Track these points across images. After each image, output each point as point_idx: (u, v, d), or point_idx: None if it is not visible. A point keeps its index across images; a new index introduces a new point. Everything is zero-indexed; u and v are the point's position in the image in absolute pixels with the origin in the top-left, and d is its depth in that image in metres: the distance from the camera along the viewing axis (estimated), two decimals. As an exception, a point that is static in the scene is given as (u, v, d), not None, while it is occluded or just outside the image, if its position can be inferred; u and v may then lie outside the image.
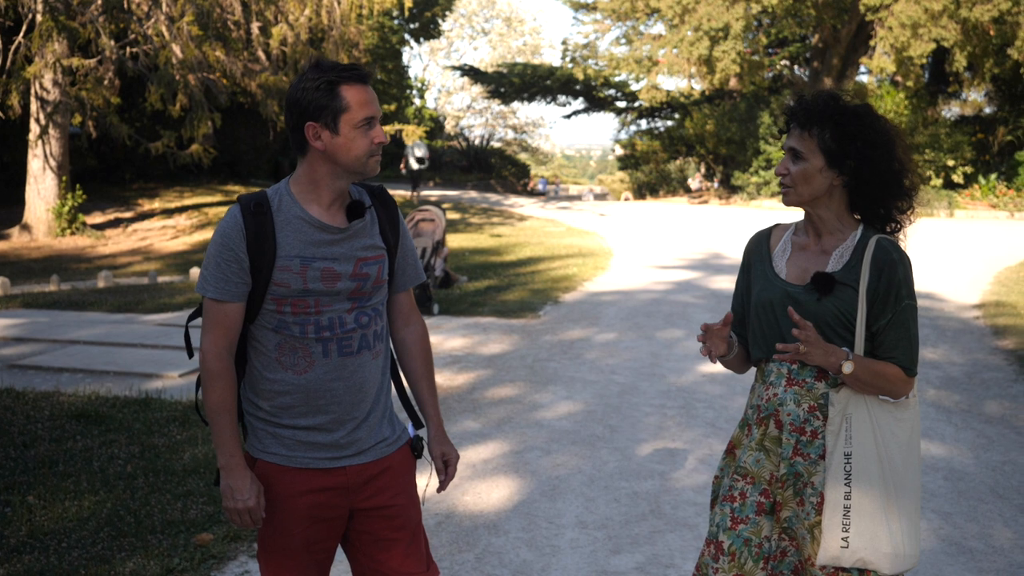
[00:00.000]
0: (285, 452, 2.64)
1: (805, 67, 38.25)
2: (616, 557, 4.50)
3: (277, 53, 18.44)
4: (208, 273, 2.57)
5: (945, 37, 25.94)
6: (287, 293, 2.56)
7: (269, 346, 2.62)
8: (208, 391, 2.59)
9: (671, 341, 9.55)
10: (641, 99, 35.28)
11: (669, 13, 29.03)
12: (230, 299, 2.56)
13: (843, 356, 2.48)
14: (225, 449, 2.58)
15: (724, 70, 29.06)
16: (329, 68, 2.53)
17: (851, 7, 30.13)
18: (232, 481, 2.58)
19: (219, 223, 2.60)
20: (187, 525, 4.67)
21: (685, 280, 14.00)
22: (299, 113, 2.53)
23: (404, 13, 21.26)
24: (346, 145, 2.52)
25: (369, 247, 2.66)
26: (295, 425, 2.63)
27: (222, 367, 2.57)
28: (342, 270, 2.59)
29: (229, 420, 2.59)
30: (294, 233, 2.57)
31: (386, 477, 2.72)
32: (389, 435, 2.75)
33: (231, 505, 2.59)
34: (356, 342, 2.65)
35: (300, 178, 2.61)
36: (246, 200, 2.59)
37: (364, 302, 2.65)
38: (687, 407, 7.09)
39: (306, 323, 2.59)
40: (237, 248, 2.53)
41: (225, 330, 2.57)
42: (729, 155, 33.79)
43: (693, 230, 22.21)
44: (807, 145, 2.58)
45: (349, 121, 2.51)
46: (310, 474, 2.64)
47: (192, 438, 6.04)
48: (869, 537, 2.50)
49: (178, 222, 22.36)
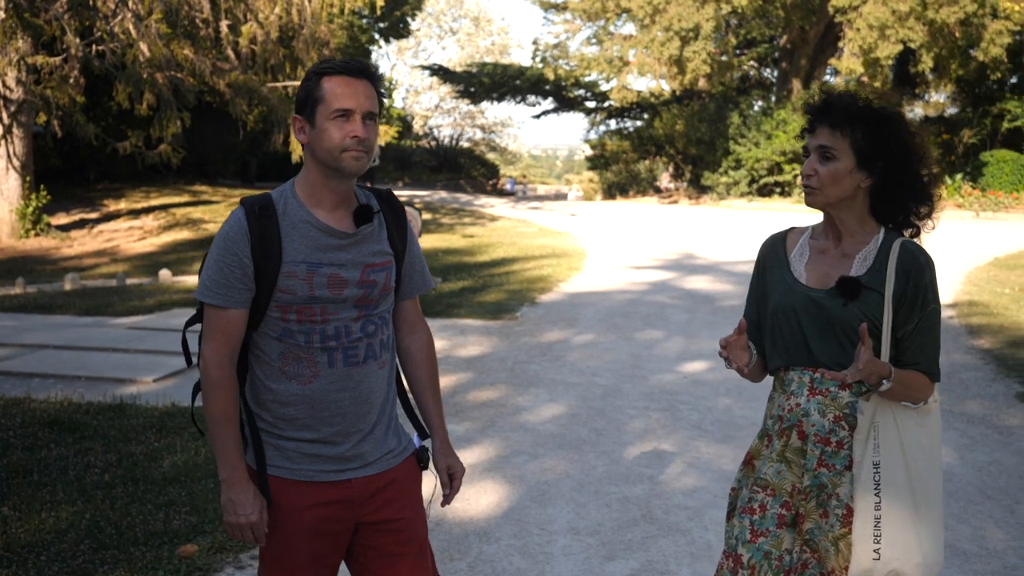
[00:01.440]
0: (289, 465, 2.54)
1: (773, 68, 38.45)
2: (610, 564, 4.42)
3: (247, 52, 18.23)
4: (209, 278, 2.46)
5: (912, 39, 26.14)
6: (292, 300, 2.46)
7: (272, 355, 2.52)
8: (209, 401, 2.48)
9: (650, 342, 9.50)
10: (612, 99, 35.32)
11: (640, 13, 29.05)
12: (233, 305, 2.45)
13: (887, 373, 2.40)
14: (227, 461, 2.48)
15: (694, 70, 29.14)
16: (324, 62, 2.48)
17: (819, 8, 30.29)
18: (234, 495, 2.47)
19: (221, 226, 2.50)
20: (170, 536, 4.54)
21: (660, 280, 13.97)
22: (295, 108, 2.49)
23: (376, 12, 21.08)
24: (319, 137, 2.43)
25: (377, 253, 2.56)
26: (299, 437, 2.53)
27: (223, 376, 2.47)
28: (349, 276, 2.50)
29: (231, 431, 2.48)
30: (300, 238, 2.47)
31: (392, 489, 2.62)
32: (395, 446, 2.66)
33: (233, 520, 2.48)
34: (362, 352, 2.55)
35: (301, 179, 2.53)
36: (250, 202, 2.48)
37: (371, 310, 2.56)
38: (671, 409, 7.04)
39: (311, 332, 2.48)
40: (241, 253, 2.43)
41: (227, 338, 2.47)
42: (699, 155, 33.88)
43: (664, 230, 22.22)
44: (839, 144, 2.50)
45: (323, 112, 2.42)
46: (315, 487, 2.54)
47: (171, 445, 5.91)
48: (900, 547, 2.44)
49: (145, 223, 22.08)
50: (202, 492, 5.11)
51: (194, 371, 8.03)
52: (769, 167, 31.87)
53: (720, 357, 2.61)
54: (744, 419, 6.77)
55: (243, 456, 2.52)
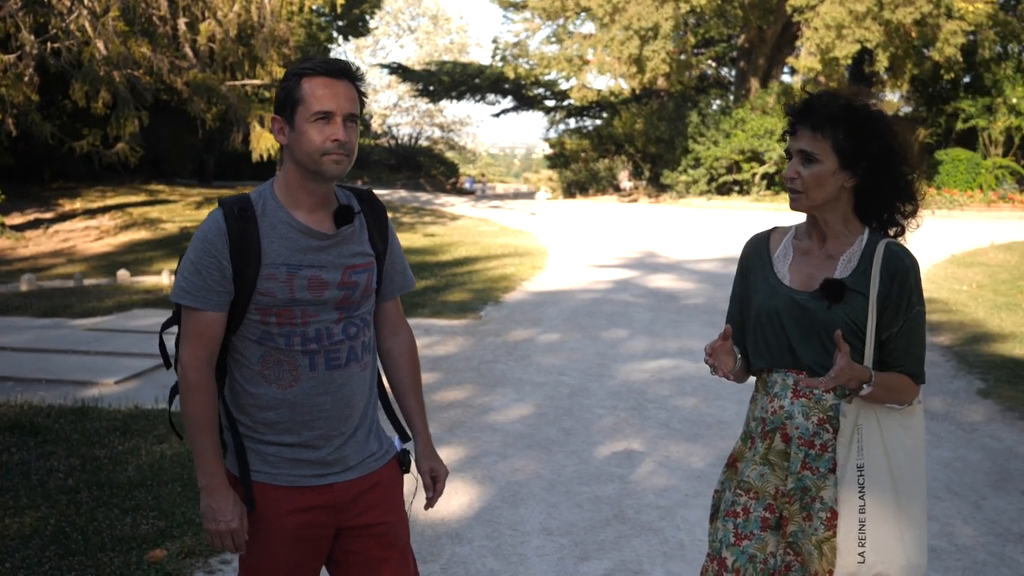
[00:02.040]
0: (269, 470, 2.49)
1: (731, 67, 38.72)
2: (584, 564, 4.42)
3: (205, 49, 18.04)
4: (186, 280, 2.41)
5: (869, 39, 26.43)
6: (272, 303, 2.42)
7: (252, 359, 2.47)
8: (188, 405, 2.42)
9: (616, 341, 9.51)
10: (572, 98, 35.42)
11: (599, 12, 29.13)
12: (211, 308, 2.41)
13: (866, 378, 2.39)
14: (206, 468, 2.43)
15: (654, 69, 29.27)
16: (305, 62, 2.41)
17: (777, 8, 30.54)
18: (213, 502, 2.43)
19: (199, 227, 2.45)
20: (138, 541, 4.47)
21: (623, 279, 14.00)
22: (275, 109, 2.44)
23: (336, 10, 20.94)
24: (299, 140, 2.38)
25: (358, 254, 2.52)
26: (279, 442, 2.49)
27: (202, 379, 2.42)
28: (330, 278, 2.45)
29: (210, 436, 2.43)
30: (280, 239, 2.42)
31: (375, 493, 2.59)
32: (377, 450, 2.62)
33: (213, 527, 2.44)
34: (344, 354, 2.51)
35: (280, 179, 2.48)
36: (229, 204, 2.43)
37: (352, 312, 2.52)
38: (639, 408, 7.05)
39: (292, 335, 2.44)
40: (220, 255, 2.38)
41: (205, 341, 2.42)
42: (658, 154, 34.04)
43: (625, 229, 22.29)
44: (820, 147, 2.48)
45: (303, 114, 2.37)
46: (296, 492, 2.49)
47: (135, 449, 5.82)
48: (885, 550, 2.44)
49: (101, 223, 21.79)
50: (169, 496, 5.04)
51: (158, 373, 7.95)
52: (728, 166, 32.10)
53: (706, 364, 2.58)
54: (711, 417, 6.79)
55: (222, 462, 2.47)
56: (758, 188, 31.86)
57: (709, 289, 13.12)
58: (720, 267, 15.57)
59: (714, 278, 14.25)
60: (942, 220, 25.52)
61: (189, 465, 5.51)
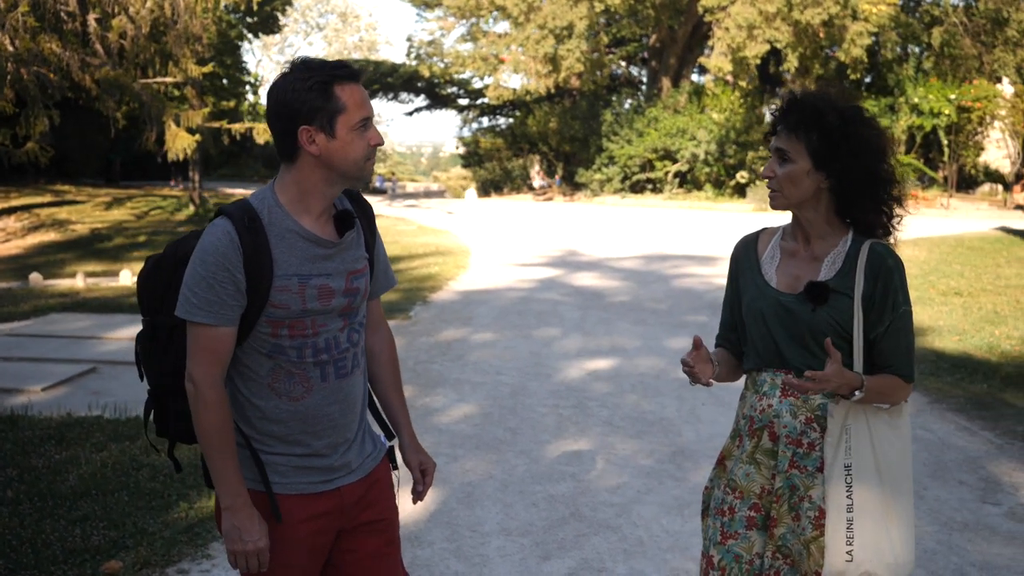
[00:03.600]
0: (280, 479, 2.45)
1: (642, 67, 39.17)
2: (547, 564, 4.43)
3: (116, 46, 17.58)
4: (196, 295, 2.31)
5: (779, 39, 27.01)
6: (286, 315, 2.36)
7: (261, 372, 2.41)
8: (205, 425, 2.34)
9: (548, 340, 9.56)
10: (488, 97, 35.40)
11: (515, 11, 29.23)
12: (223, 324, 2.32)
13: (857, 384, 2.41)
14: (229, 487, 2.36)
15: (569, 68, 29.49)
16: (319, 67, 2.32)
17: (688, 8, 31.01)
18: (238, 521, 2.36)
19: (204, 239, 2.34)
20: (91, 553, 4.35)
21: (548, 278, 14.08)
22: (289, 116, 2.31)
23: (253, 6, 20.59)
24: (343, 149, 2.32)
25: (358, 259, 2.49)
26: (288, 452, 2.45)
27: (218, 398, 2.35)
28: (336, 286, 2.42)
29: (231, 454, 2.36)
30: (289, 249, 2.36)
31: (375, 491, 2.59)
32: (371, 449, 2.62)
33: (239, 548, 2.37)
34: (350, 362, 2.49)
35: (288, 186, 2.38)
36: (237, 213, 2.34)
37: (353, 318, 2.49)
38: (581, 406, 7.09)
39: (303, 347, 2.40)
40: (234, 268, 2.29)
41: (217, 357, 2.34)
42: (572, 152, 34.28)
43: (543, 227, 22.41)
44: (794, 147, 2.51)
45: (346, 123, 2.31)
46: (308, 500, 2.46)
47: (74, 458, 5.66)
48: (873, 549, 2.46)
49: (8, 224, 21.13)
50: (117, 505, 4.91)
51: (87, 378, 7.77)
52: (641, 164, 32.49)
53: (685, 374, 2.58)
54: (653, 415, 6.87)
55: (243, 480, 2.40)
56: (671, 186, 32.30)
57: (634, 287, 13.27)
58: (642, 264, 15.77)
59: (637, 276, 14.41)
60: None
61: (134, 473, 5.39)
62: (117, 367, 8.29)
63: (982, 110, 30.58)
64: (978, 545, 4.65)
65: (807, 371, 2.39)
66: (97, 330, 9.83)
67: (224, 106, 30.56)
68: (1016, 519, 5.00)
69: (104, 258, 16.52)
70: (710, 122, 31.00)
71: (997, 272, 14.04)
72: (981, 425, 6.66)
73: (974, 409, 7.05)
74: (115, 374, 8.05)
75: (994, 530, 4.84)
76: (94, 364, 8.31)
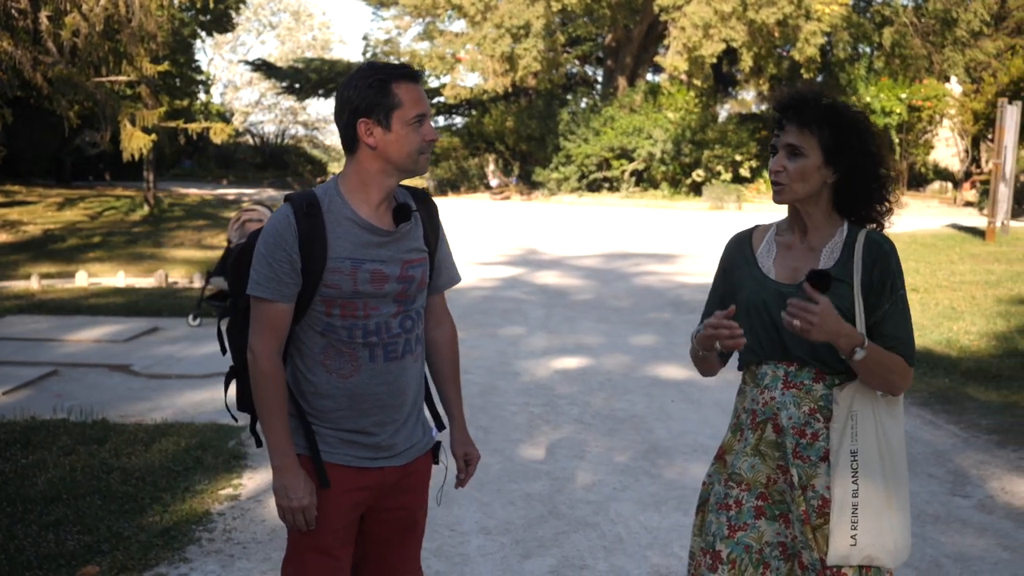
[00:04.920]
0: (328, 449, 2.64)
1: (597, 66, 39.29)
2: (528, 562, 4.43)
3: (69, 44, 17.30)
4: (259, 273, 2.55)
5: (734, 38, 27.22)
6: (337, 295, 2.55)
7: (315, 349, 2.62)
8: (261, 392, 2.58)
9: (514, 338, 9.57)
10: (444, 96, 35.31)
11: (471, 10, 29.21)
12: (281, 299, 2.55)
13: (859, 341, 2.43)
14: (278, 449, 2.58)
15: (526, 67, 29.50)
16: (381, 67, 2.56)
17: (643, 8, 31.15)
18: (286, 480, 2.57)
19: (268, 222, 2.58)
20: (67, 558, 4.28)
21: (510, 276, 14.08)
22: (352, 110, 2.54)
23: (209, 4, 20.38)
24: (398, 142, 2.53)
25: (414, 250, 2.67)
26: (338, 427, 2.64)
27: (274, 368, 2.57)
28: (390, 272, 2.60)
29: (281, 421, 2.59)
30: (344, 234, 2.56)
31: (412, 480, 2.77)
32: (421, 439, 2.77)
33: (286, 504, 2.58)
34: (401, 347, 2.67)
35: (349, 177, 2.60)
36: (298, 200, 2.56)
37: (409, 305, 2.66)
38: (551, 404, 7.10)
39: (354, 327, 2.59)
40: (290, 248, 2.52)
41: (276, 331, 2.57)
42: (529, 152, 34.31)
43: (502, 226, 22.42)
44: (807, 142, 2.56)
45: (401, 118, 2.52)
46: (352, 472, 2.65)
47: (41, 462, 5.57)
48: (875, 533, 2.51)
49: (-44, 225, 20.71)
50: (90, 509, 4.84)
51: (49, 381, 7.69)
52: (598, 163, 32.57)
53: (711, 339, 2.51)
54: (623, 412, 6.90)
55: (293, 444, 2.60)
56: (628, 185, 32.43)
57: (596, 285, 13.32)
58: (602, 263, 15.82)
59: (598, 274, 14.47)
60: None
61: (105, 477, 5.32)
62: (79, 369, 8.19)
63: (932, 109, 31.02)
64: (951, 537, 4.73)
65: (791, 300, 2.42)
66: (56, 332, 9.69)
67: (178, 105, 30.21)
68: (986, 511, 5.09)
69: (58, 259, 16.25)
70: (666, 121, 31.17)
71: (951, 269, 14.27)
72: (946, 419, 6.77)
73: (938, 403, 7.16)
74: (77, 376, 7.94)
75: (965, 522, 4.92)
76: (55, 366, 8.19)
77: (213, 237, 18.92)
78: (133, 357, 8.64)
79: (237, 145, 46.62)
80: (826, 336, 2.42)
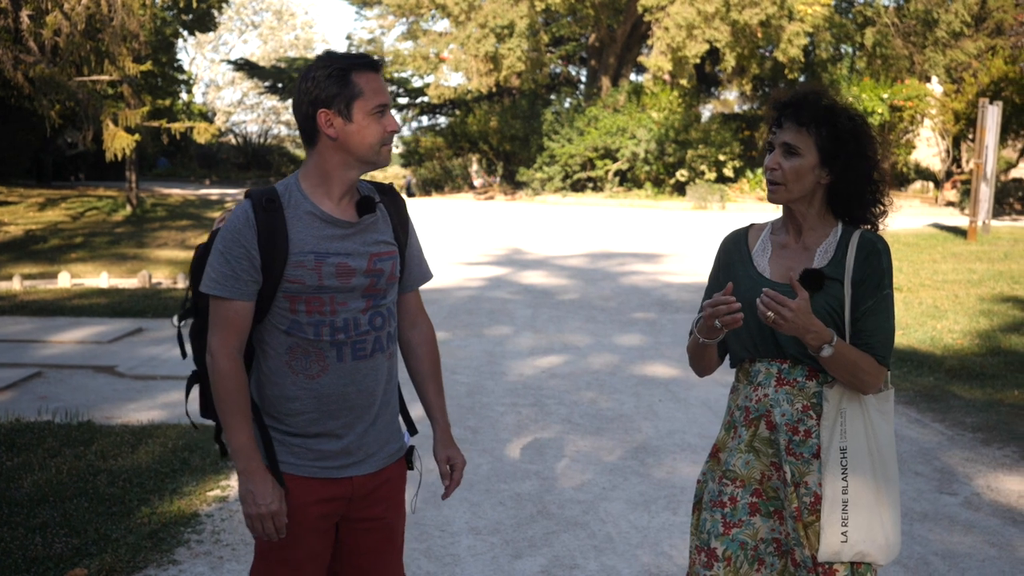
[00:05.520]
0: (294, 460, 2.55)
1: (581, 66, 39.31)
2: (519, 562, 4.43)
3: (51, 44, 17.18)
4: (215, 270, 2.47)
5: (718, 39, 27.27)
6: (301, 290, 2.48)
7: (279, 349, 2.53)
8: (221, 392, 2.48)
9: (501, 338, 9.56)
10: (428, 96, 35.25)
11: (455, 10, 29.17)
12: (239, 297, 2.47)
13: (828, 338, 2.44)
14: (242, 452, 2.48)
15: (510, 67, 29.47)
16: (340, 57, 2.49)
17: (626, 8, 31.18)
18: (252, 485, 2.47)
19: (227, 218, 2.52)
20: (54, 561, 4.25)
21: (496, 276, 14.07)
22: (311, 101, 2.46)
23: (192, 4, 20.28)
24: (359, 132, 2.47)
25: (381, 242, 2.60)
26: (304, 432, 2.56)
27: (234, 367, 2.48)
28: (356, 265, 2.53)
29: (245, 422, 2.49)
30: (305, 228, 2.49)
31: (385, 489, 2.67)
32: (394, 444, 2.70)
33: (253, 511, 2.47)
34: (370, 344, 2.58)
35: (310, 171, 2.53)
36: (257, 195, 2.49)
37: (378, 300, 2.58)
38: (539, 404, 7.10)
39: (321, 324, 2.51)
40: (248, 244, 2.44)
41: (235, 329, 2.49)
42: (513, 151, 34.27)
43: (487, 226, 22.39)
44: (804, 141, 2.56)
45: (362, 108, 2.46)
46: (319, 484, 2.56)
47: (27, 464, 5.53)
48: (866, 529, 2.52)
49: (-63, 226, 20.55)
50: (77, 512, 4.81)
51: (33, 383, 7.62)
52: (582, 163, 32.57)
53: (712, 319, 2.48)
54: (611, 411, 6.90)
55: (258, 447, 2.51)
56: (611, 184, 32.45)
57: (581, 285, 13.32)
58: (587, 263, 15.83)
59: (584, 274, 14.47)
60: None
61: (91, 479, 5.28)
62: (63, 371, 8.13)
63: (913, 109, 31.15)
64: (939, 535, 4.75)
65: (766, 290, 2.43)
66: (39, 333, 9.63)
67: (160, 104, 30.07)
68: (973, 508, 5.12)
69: (41, 260, 16.14)
70: (649, 121, 31.19)
71: (934, 268, 14.35)
72: (931, 417, 6.80)
73: (923, 401, 7.19)
74: (61, 378, 7.89)
75: (953, 520, 4.95)
76: (39, 368, 8.14)
77: (197, 238, 18.82)
78: (118, 358, 8.59)
79: (220, 145, 46.45)
80: (795, 331, 2.44)
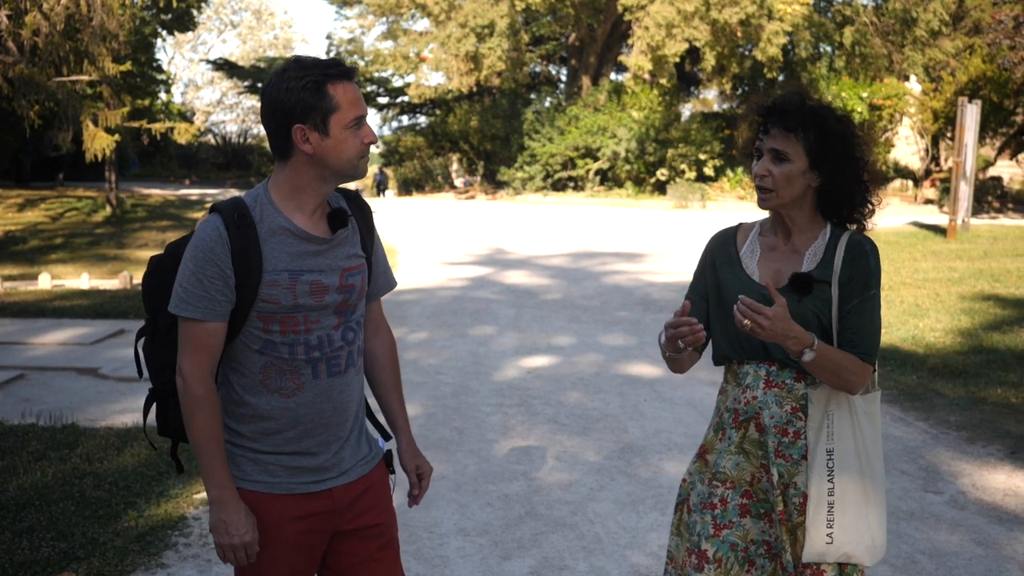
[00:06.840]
0: (268, 479, 2.46)
1: (560, 65, 39.34)
2: (508, 563, 4.43)
3: (29, 44, 17.07)
4: (186, 291, 2.35)
5: (698, 38, 27.36)
6: (276, 310, 2.38)
7: (253, 368, 2.43)
8: (194, 419, 2.37)
9: (485, 338, 9.56)
10: (409, 95, 35.23)
11: (435, 9, 29.17)
12: (213, 319, 2.35)
13: (808, 343, 2.43)
14: (215, 480, 2.38)
15: (491, 67, 29.48)
16: (312, 65, 2.34)
17: (607, 7, 31.23)
18: (226, 515, 2.37)
19: (196, 235, 2.38)
20: (42, 565, 4.23)
21: (479, 276, 14.07)
22: (283, 114, 2.32)
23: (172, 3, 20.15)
24: (337, 147, 2.34)
25: (352, 256, 2.51)
26: (279, 450, 2.46)
27: (207, 392, 2.37)
28: (329, 282, 2.43)
29: (218, 449, 2.39)
30: (279, 245, 2.38)
31: (369, 496, 2.59)
32: (367, 452, 2.62)
33: (226, 541, 2.38)
34: (344, 360, 2.50)
35: (281, 183, 2.41)
36: (227, 210, 2.36)
37: (349, 315, 2.50)
38: (524, 404, 7.11)
39: (296, 343, 2.42)
40: (222, 264, 2.32)
41: (208, 352, 2.37)
42: (494, 151, 34.29)
43: (468, 226, 22.39)
44: (792, 147, 2.56)
45: (340, 122, 2.33)
46: (296, 500, 2.47)
47: (11, 467, 5.49)
48: (852, 531, 2.53)
49: (-86, 227, 20.41)
50: (63, 515, 4.78)
51: (15, 385, 7.56)
52: (563, 162, 32.62)
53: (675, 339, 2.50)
54: (597, 412, 6.92)
55: (230, 474, 2.42)
56: (592, 184, 32.51)
57: (564, 284, 13.33)
58: (570, 262, 15.84)
59: (566, 273, 14.48)
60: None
61: (77, 482, 5.25)
62: (46, 373, 8.08)
63: (892, 108, 31.33)
64: (925, 533, 4.78)
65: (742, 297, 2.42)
66: (22, 335, 9.56)
67: (140, 104, 29.89)
68: (958, 507, 5.15)
69: (20, 261, 16.06)
70: (630, 120, 31.27)
71: (915, 266, 14.43)
72: (915, 416, 6.85)
73: (907, 400, 7.23)
74: (44, 380, 7.84)
75: (939, 518, 4.98)
76: (21, 370, 8.08)
77: (177, 238, 18.72)
78: (101, 360, 8.54)
79: (199, 145, 46.23)
80: (774, 338, 2.43)
